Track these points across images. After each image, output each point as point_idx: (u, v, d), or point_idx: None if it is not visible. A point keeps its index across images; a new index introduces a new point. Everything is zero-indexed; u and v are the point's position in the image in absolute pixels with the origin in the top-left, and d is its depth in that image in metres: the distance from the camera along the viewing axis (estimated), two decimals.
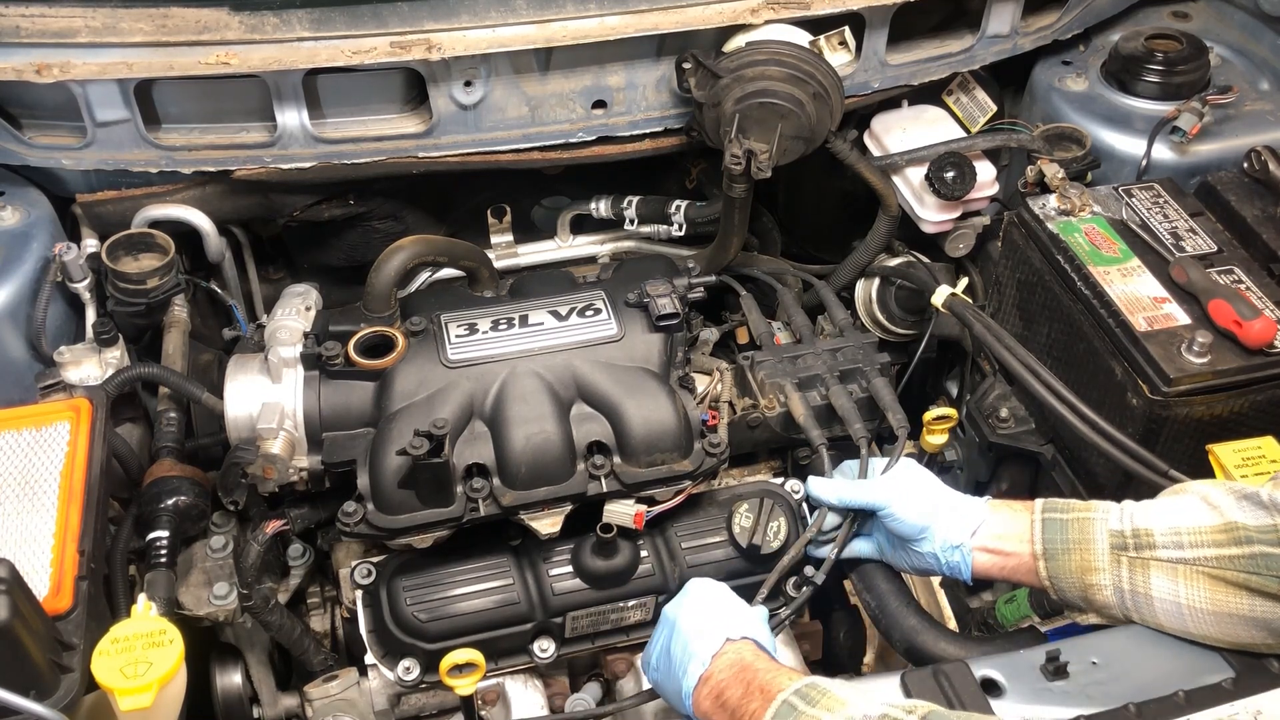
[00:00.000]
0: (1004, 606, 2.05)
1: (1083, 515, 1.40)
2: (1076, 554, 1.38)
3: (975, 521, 1.46)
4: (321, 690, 1.63)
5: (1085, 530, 1.38)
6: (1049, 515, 1.42)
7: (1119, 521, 1.36)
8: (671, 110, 1.93)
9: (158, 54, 1.70)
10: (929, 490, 1.51)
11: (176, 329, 1.83)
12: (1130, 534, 1.35)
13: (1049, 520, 1.41)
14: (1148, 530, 1.34)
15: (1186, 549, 1.31)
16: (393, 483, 1.50)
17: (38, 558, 1.32)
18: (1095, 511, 1.39)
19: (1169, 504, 1.36)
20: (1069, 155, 1.94)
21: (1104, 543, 1.37)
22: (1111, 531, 1.36)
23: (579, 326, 1.65)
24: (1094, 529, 1.38)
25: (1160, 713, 1.33)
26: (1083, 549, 1.38)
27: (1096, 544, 1.37)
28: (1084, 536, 1.38)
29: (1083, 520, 1.39)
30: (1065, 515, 1.41)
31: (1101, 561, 1.37)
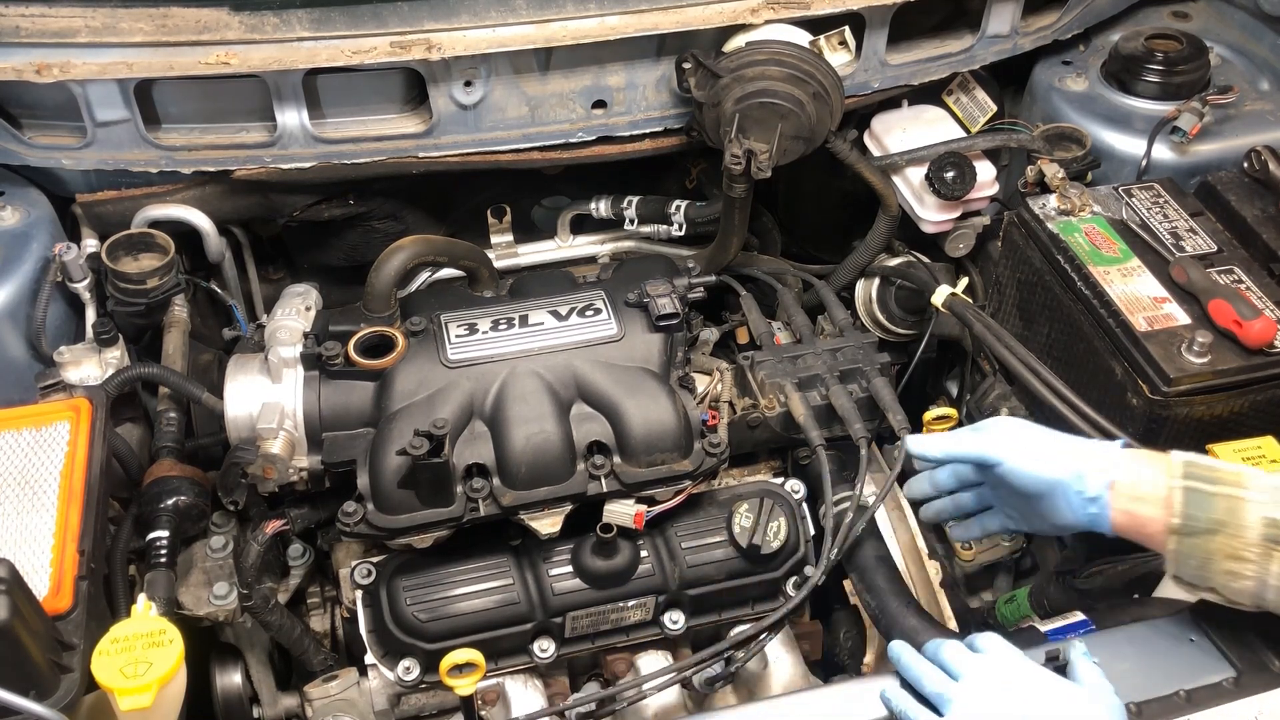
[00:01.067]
0: (1004, 606, 2.05)
1: (1233, 492, 1.23)
2: (1221, 538, 1.23)
3: (1110, 467, 1.31)
4: (321, 690, 1.63)
5: (1236, 513, 1.22)
6: (1192, 484, 1.26)
7: (1275, 509, 1.21)
8: (671, 110, 1.93)
9: (158, 54, 1.70)
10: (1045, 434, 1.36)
11: (176, 329, 1.83)
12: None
13: (1192, 492, 1.26)
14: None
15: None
16: (393, 483, 1.50)
17: (38, 558, 1.32)
18: (1248, 489, 1.23)
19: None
20: (1069, 155, 1.94)
21: (1257, 531, 1.21)
22: (1266, 520, 1.21)
23: (579, 326, 1.65)
24: (1246, 513, 1.21)
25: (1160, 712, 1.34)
26: (1230, 534, 1.22)
27: (1248, 531, 1.21)
28: (1234, 520, 1.22)
29: (1233, 500, 1.23)
30: (1212, 487, 1.25)
31: (1251, 551, 1.22)
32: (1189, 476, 1.27)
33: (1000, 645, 1.32)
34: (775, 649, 1.68)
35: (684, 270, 1.78)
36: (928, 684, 1.30)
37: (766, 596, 1.67)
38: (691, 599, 1.63)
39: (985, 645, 1.33)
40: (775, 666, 1.68)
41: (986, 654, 1.31)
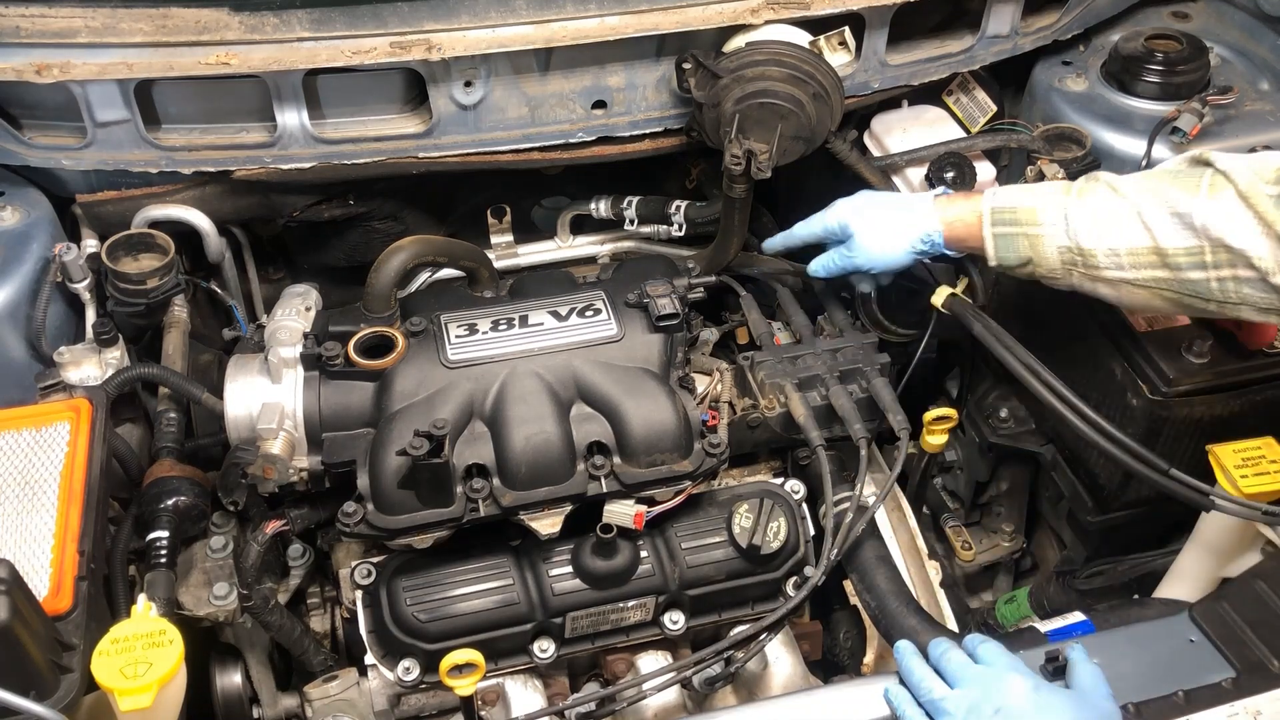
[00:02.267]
0: (1004, 607, 2.06)
1: (1032, 231, 1.53)
2: (1030, 265, 1.56)
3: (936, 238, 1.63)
4: (321, 690, 1.63)
5: (1037, 247, 1.53)
6: (1000, 231, 1.56)
7: (1065, 237, 1.50)
8: (671, 110, 1.93)
9: (158, 54, 1.70)
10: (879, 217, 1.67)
11: (176, 329, 1.83)
12: (1077, 250, 1.50)
13: (999, 237, 1.56)
14: (1091, 250, 1.48)
15: (1126, 270, 1.47)
16: (393, 483, 1.50)
17: (38, 558, 1.32)
18: (1043, 225, 1.52)
19: (1107, 219, 1.48)
20: (1069, 155, 1.94)
21: (1056, 258, 1.52)
22: (1060, 248, 1.51)
23: (579, 327, 1.65)
24: (1045, 246, 1.52)
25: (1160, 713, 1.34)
26: (1036, 262, 1.55)
27: (1049, 259, 1.53)
28: (1036, 253, 1.54)
29: (1033, 237, 1.53)
30: (1014, 230, 1.55)
31: (1055, 271, 1.54)
32: (995, 224, 1.57)
33: (1001, 657, 1.34)
34: (775, 649, 1.68)
35: (684, 270, 1.78)
36: (923, 692, 1.34)
37: (766, 597, 1.67)
38: (691, 599, 1.63)
39: (987, 656, 1.34)
40: (775, 666, 1.68)
41: (988, 666, 1.33)
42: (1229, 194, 1.39)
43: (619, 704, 1.58)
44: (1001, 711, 1.26)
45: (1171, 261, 1.43)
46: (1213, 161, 1.43)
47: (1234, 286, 1.41)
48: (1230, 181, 1.39)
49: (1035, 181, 1.90)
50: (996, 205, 1.57)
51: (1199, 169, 1.45)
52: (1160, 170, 1.52)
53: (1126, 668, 1.38)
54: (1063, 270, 1.53)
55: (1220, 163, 1.42)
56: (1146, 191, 1.46)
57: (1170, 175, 1.47)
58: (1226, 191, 1.39)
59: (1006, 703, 1.27)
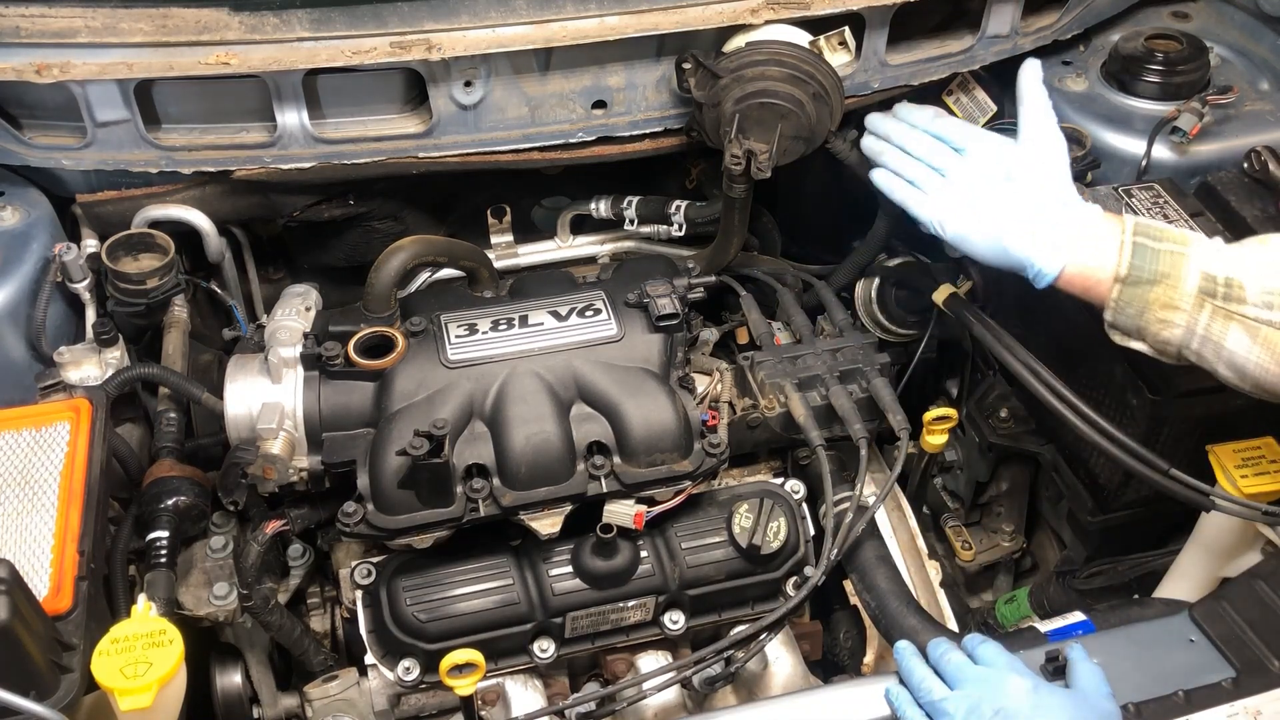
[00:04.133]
0: (1004, 606, 2.06)
1: (1176, 249, 1.34)
2: (1161, 288, 1.33)
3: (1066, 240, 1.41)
4: (321, 690, 1.63)
5: (1177, 265, 1.33)
6: (1141, 240, 1.36)
7: (1212, 264, 1.31)
8: (671, 110, 1.93)
9: (158, 54, 1.70)
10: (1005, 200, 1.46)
11: (176, 329, 1.83)
12: (1223, 281, 1.30)
13: (1140, 245, 1.35)
14: (1240, 283, 1.30)
15: (1276, 311, 1.28)
16: (393, 483, 1.50)
17: (38, 558, 1.32)
18: (1190, 246, 1.33)
19: (1267, 258, 1.31)
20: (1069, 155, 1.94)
21: (1193, 283, 1.32)
22: (1204, 273, 1.32)
23: (579, 327, 1.65)
24: (1186, 266, 1.32)
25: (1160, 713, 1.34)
26: (1169, 284, 1.33)
27: (1185, 282, 1.32)
28: (1174, 272, 1.33)
29: (1176, 255, 1.33)
30: (1158, 244, 1.35)
31: (1185, 302, 1.33)
32: (1139, 233, 1.37)
33: (1001, 657, 1.34)
34: (775, 649, 1.69)
35: (684, 270, 1.78)
36: (923, 693, 1.34)
37: (766, 597, 1.67)
38: (691, 599, 1.63)
39: (986, 656, 1.34)
40: (775, 666, 1.68)
41: (988, 667, 1.32)
42: None
43: (619, 704, 1.58)
44: (1001, 712, 1.26)
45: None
46: None
47: None
48: None
49: None
50: (1142, 221, 1.41)
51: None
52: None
53: (1126, 668, 1.38)
54: (1195, 299, 1.33)
55: None
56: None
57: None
58: None
59: (1006, 703, 1.27)
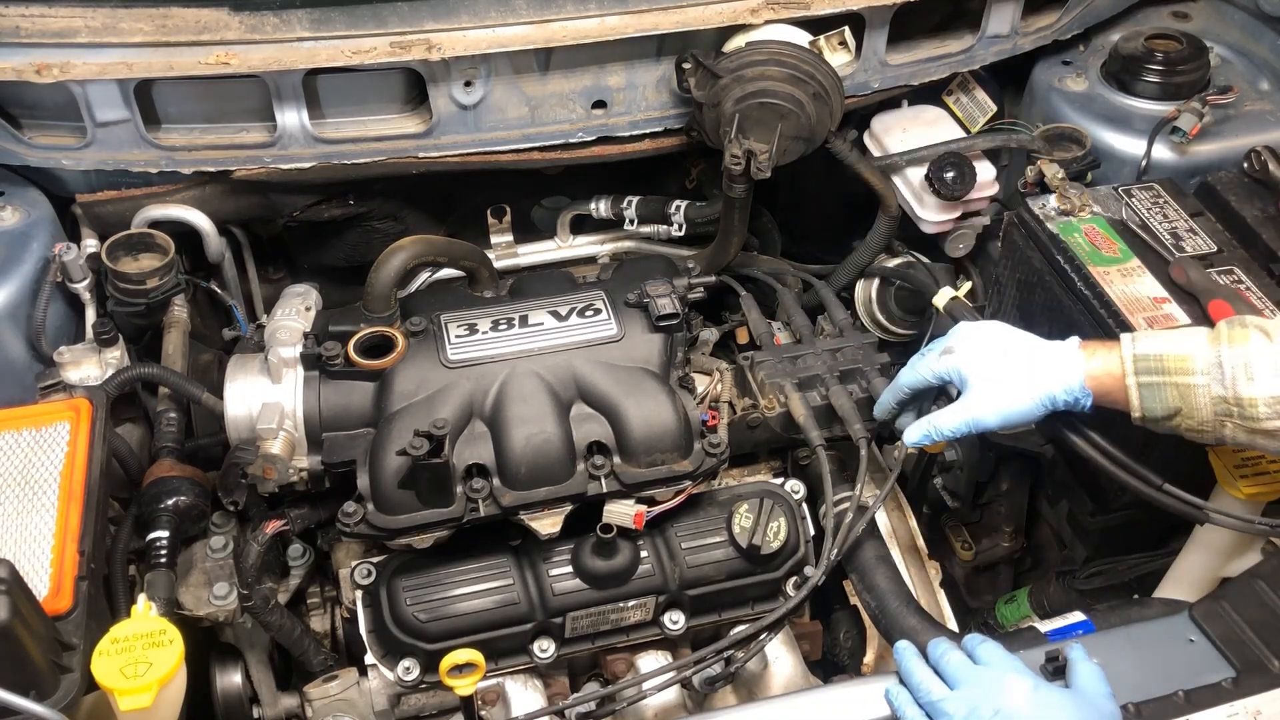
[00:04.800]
0: (1004, 607, 2.06)
1: (1181, 381, 1.38)
2: (1179, 417, 1.39)
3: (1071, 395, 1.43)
4: (321, 690, 1.63)
5: (1188, 398, 1.37)
6: (1145, 380, 1.40)
7: (1221, 386, 1.35)
8: (671, 110, 1.93)
9: (158, 54, 1.70)
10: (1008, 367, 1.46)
11: (176, 329, 1.83)
12: (1234, 401, 1.35)
13: (1145, 388, 1.40)
14: (1251, 400, 1.33)
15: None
16: (393, 483, 1.50)
17: (38, 558, 1.32)
18: (1194, 375, 1.37)
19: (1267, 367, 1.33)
20: (1069, 155, 1.94)
21: (1208, 410, 1.37)
22: (1215, 398, 1.36)
23: (579, 326, 1.65)
24: (1196, 397, 1.37)
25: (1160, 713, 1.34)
26: (1186, 414, 1.39)
27: (1200, 411, 1.37)
28: (1187, 403, 1.38)
29: (1183, 387, 1.37)
30: (1161, 379, 1.39)
31: (1206, 425, 1.38)
32: (1140, 373, 1.41)
33: (1000, 657, 1.34)
34: (775, 649, 1.68)
35: (684, 270, 1.78)
36: (923, 693, 1.34)
37: (766, 597, 1.67)
38: (691, 599, 1.63)
39: (986, 656, 1.34)
40: (775, 666, 1.68)
41: (988, 667, 1.32)
42: None
43: (619, 704, 1.58)
44: (1001, 712, 1.26)
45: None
46: None
47: None
48: None
49: (1035, 181, 1.91)
50: (1139, 353, 1.41)
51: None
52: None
53: (1126, 668, 1.38)
54: (1214, 422, 1.37)
55: None
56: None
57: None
58: None
59: (1006, 703, 1.27)
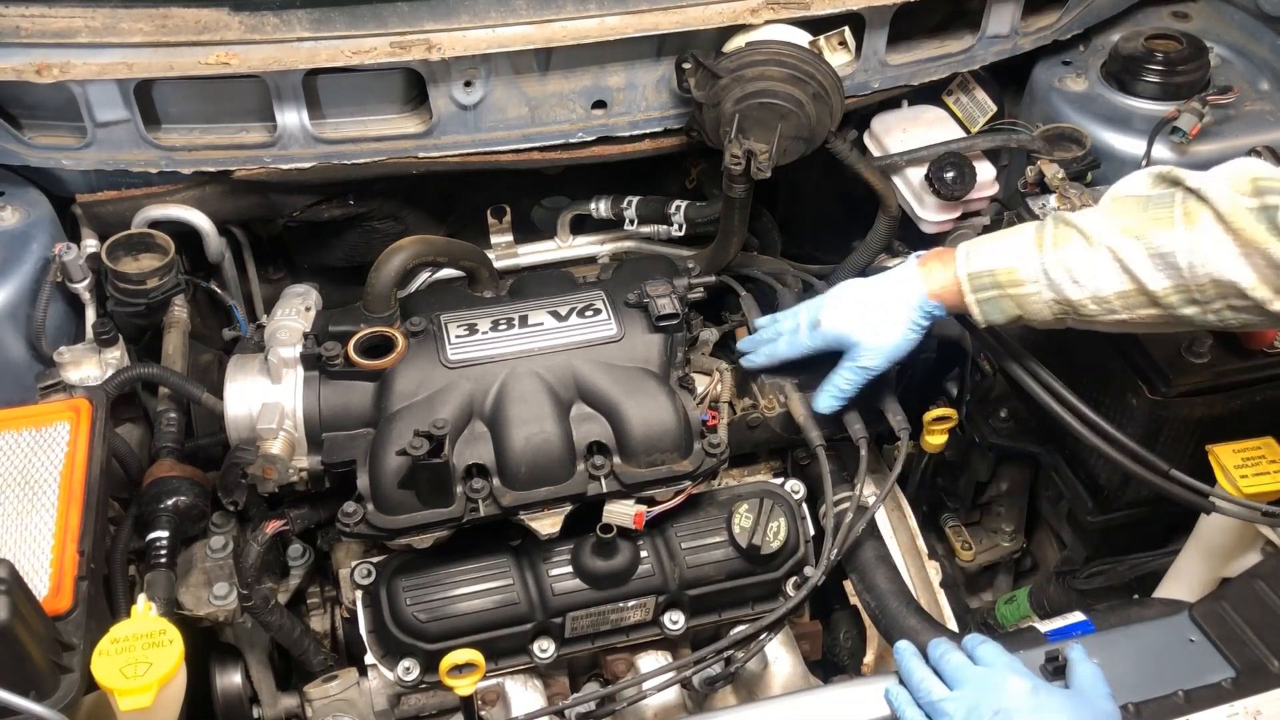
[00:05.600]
0: (1004, 607, 2.06)
1: (1015, 292, 1.47)
2: (1023, 320, 1.51)
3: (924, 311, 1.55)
4: (321, 690, 1.63)
5: (1025, 305, 1.48)
6: (982, 296, 1.50)
7: (1050, 291, 1.45)
8: (671, 110, 1.93)
9: (158, 54, 1.70)
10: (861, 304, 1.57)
11: (176, 329, 1.83)
12: (1065, 302, 1.45)
13: (985, 301, 1.50)
14: (1080, 301, 1.43)
15: (1120, 313, 1.43)
16: (393, 483, 1.50)
17: (38, 558, 1.32)
18: (1024, 285, 1.46)
19: (1086, 270, 1.42)
20: (1069, 155, 1.94)
21: (1047, 311, 1.47)
22: (1049, 302, 1.46)
23: (579, 327, 1.65)
24: (1032, 303, 1.47)
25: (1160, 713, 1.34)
26: (1028, 317, 1.50)
27: (1039, 313, 1.48)
28: (1025, 310, 1.48)
29: (1018, 297, 1.48)
30: (997, 293, 1.49)
31: (1049, 323, 1.50)
32: (976, 289, 1.50)
33: (1000, 657, 1.34)
34: (775, 649, 1.68)
35: (684, 270, 1.78)
36: (923, 694, 1.34)
37: (766, 597, 1.67)
38: (691, 599, 1.63)
39: (986, 657, 1.34)
40: (775, 666, 1.68)
41: (987, 667, 1.32)
42: (1206, 220, 1.33)
43: (619, 704, 1.58)
44: (1000, 713, 1.26)
45: (1163, 302, 1.38)
46: (1183, 180, 1.37)
47: (1232, 315, 1.36)
48: (1206, 204, 1.33)
49: (1035, 181, 1.91)
50: (973, 270, 1.49)
51: (1169, 191, 1.39)
52: (1128, 197, 1.43)
53: (1126, 668, 1.38)
54: (1055, 321, 1.49)
55: (1191, 181, 1.35)
56: (1120, 232, 1.39)
57: (1140, 205, 1.40)
58: (1203, 217, 1.33)
59: (1005, 704, 1.27)
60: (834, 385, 1.61)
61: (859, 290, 1.61)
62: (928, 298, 1.53)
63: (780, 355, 1.67)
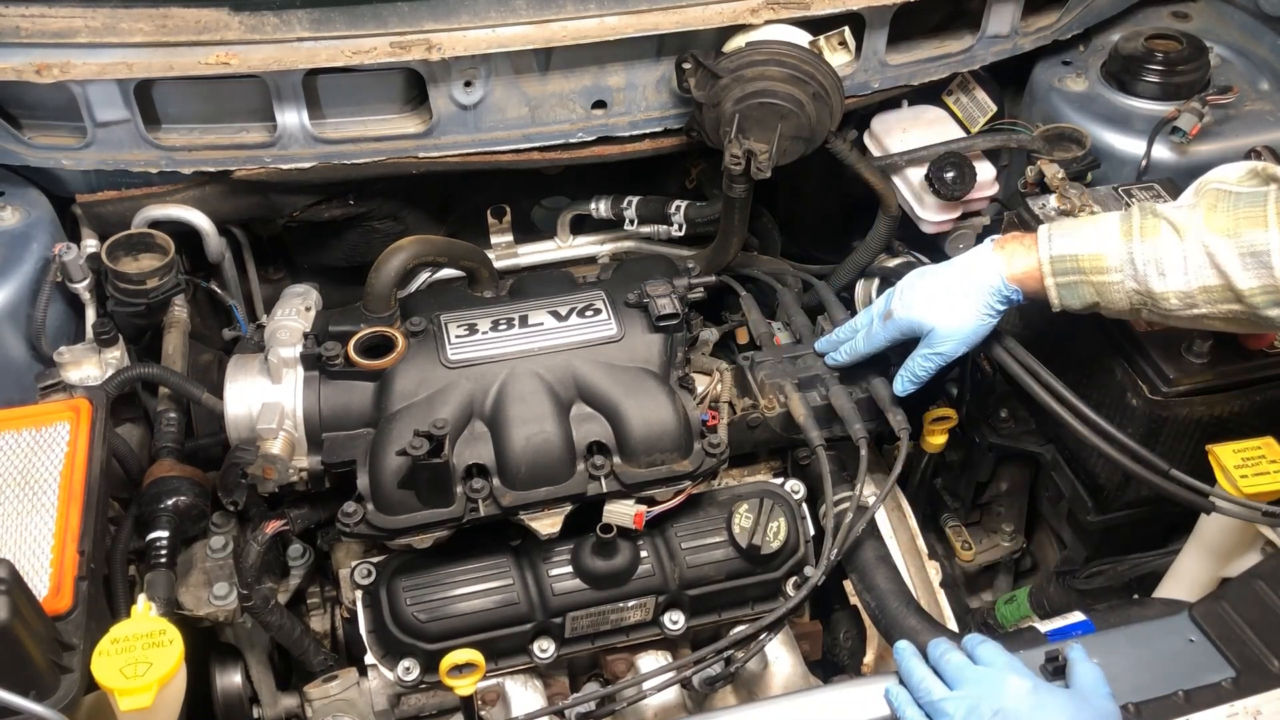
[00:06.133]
0: (1004, 607, 2.05)
1: (1097, 279, 1.47)
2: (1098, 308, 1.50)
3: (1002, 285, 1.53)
4: (321, 690, 1.63)
5: (1104, 293, 1.47)
6: (1062, 280, 1.49)
7: (1134, 282, 1.44)
8: (671, 110, 1.93)
9: (158, 54, 1.70)
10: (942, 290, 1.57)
11: (176, 329, 1.83)
12: (1146, 294, 1.44)
13: (1064, 286, 1.49)
14: (1163, 294, 1.42)
15: (1201, 307, 1.41)
16: (393, 483, 1.50)
17: (38, 558, 1.32)
18: (1108, 273, 1.46)
19: (1175, 263, 1.41)
20: (1069, 155, 1.94)
21: (1124, 302, 1.47)
22: (1129, 291, 1.45)
23: (579, 327, 1.65)
24: (1112, 292, 1.46)
25: (1160, 713, 1.34)
26: (1104, 306, 1.49)
27: (1117, 303, 1.47)
28: (1104, 297, 1.48)
29: (1099, 285, 1.47)
30: (1078, 279, 1.48)
31: (1124, 313, 1.50)
32: (1057, 273, 1.50)
33: (1000, 657, 1.34)
34: (775, 649, 1.68)
35: (684, 270, 1.78)
36: (923, 693, 1.34)
37: (766, 597, 1.67)
38: (691, 599, 1.63)
39: (986, 657, 1.34)
40: (775, 666, 1.68)
41: (987, 667, 1.32)
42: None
43: (619, 704, 1.58)
44: (1000, 713, 1.26)
45: (1249, 301, 1.37)
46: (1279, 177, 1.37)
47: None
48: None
49: (1035, 181, 1.90)
50: (1055, 254, 1.49)
51: (1264, 189, 1.37)
52: (1222, 192, 1.42)
53: (1126, 668, 1.38)
54: (1131, 311, 1.48)
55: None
56: (1211, 229, 1.38)
57: (1232, 201, 1.39)
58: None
59: (1005, 704, 1.27)
60: (910, 371, 1.62)
61: (933, 277, 1.60)
62: (1008, 281, 1.53)
63: (860, 351, 1.68)
